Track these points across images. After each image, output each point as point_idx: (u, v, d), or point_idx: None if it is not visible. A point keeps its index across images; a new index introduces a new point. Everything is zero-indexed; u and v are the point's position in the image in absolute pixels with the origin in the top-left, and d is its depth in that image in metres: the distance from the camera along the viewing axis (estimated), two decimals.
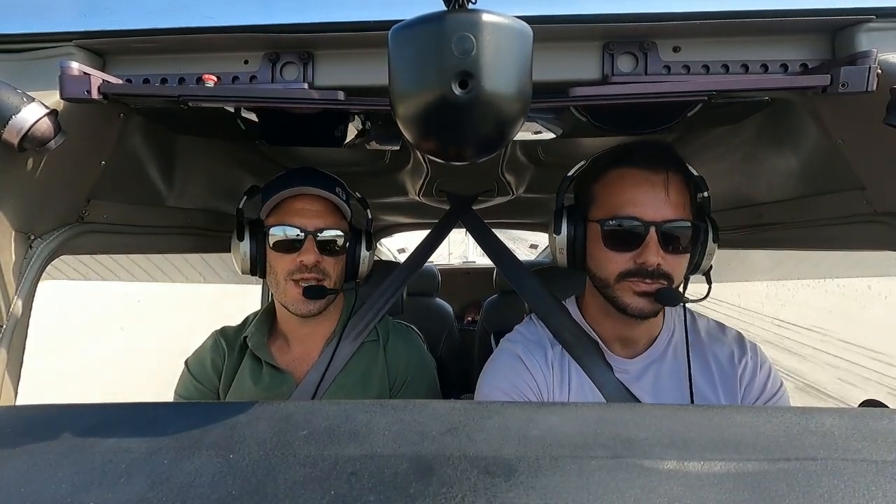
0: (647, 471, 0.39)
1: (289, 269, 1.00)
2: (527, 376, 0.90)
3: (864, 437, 0.43)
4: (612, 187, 0.84)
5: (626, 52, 0.70)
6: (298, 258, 0.99)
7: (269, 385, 1.05)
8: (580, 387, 0.89)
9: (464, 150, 0.54)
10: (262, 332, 1.10)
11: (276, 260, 1.01)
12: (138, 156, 0.93)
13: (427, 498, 0.36)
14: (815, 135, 0.82)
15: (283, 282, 1.01)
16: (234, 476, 0.39)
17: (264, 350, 1.08)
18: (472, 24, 0.45)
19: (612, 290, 0.83)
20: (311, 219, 1.00)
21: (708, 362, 0.90)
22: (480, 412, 0.49)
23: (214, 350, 1.12)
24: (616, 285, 0.82)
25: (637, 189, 0.81)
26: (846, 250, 0.95)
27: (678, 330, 0.92)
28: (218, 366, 1.10)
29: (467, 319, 3.34)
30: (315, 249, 1.00)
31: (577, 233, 0.87)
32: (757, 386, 0.88)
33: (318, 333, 1.11)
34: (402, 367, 1.12)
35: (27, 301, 0.75)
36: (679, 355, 0.90)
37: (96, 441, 0.45)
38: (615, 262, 0.82)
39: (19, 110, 0.61)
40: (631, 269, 0.80)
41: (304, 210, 1.00)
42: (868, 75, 0.60)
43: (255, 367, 1.08)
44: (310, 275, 1.00)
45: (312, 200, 1.02)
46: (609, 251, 0.82)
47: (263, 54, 0.72)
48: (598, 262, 0.85)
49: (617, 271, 0.82)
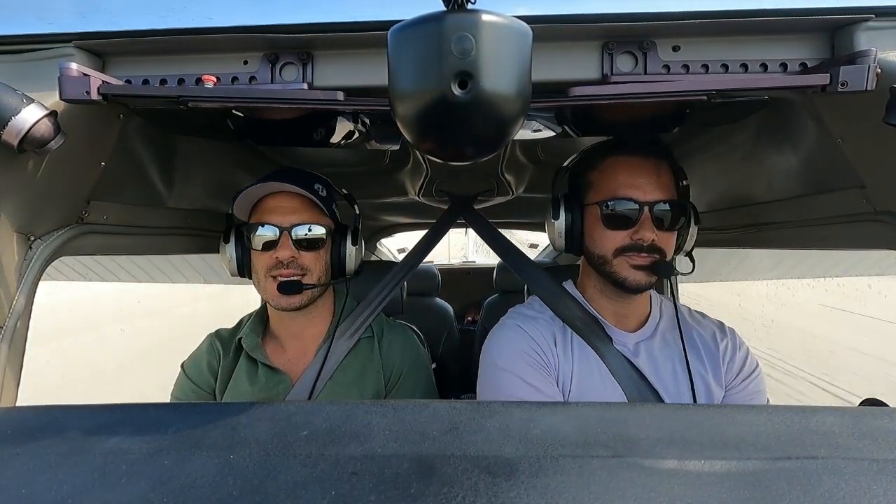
0: (648, 470, 0.39)
1: (267, 265, 1.02)
2: (533, 343, 0.94)
3: (865, 435, 0.43)
4: (609, 173, 0.92)
5: (626, 52, 0.70)
6: (274, 254, 1.01)
7: (265, 385, 1.05)
8: (584, 359, 0.93)
9: (463, 150, 0.54)
10: (256, 333, 1.11)
11: (257, 258, 1.04)
12: (138, 157, 0.93)
13: (428, 498, 0.36)
14: (815, 134, 0.83)
15: (263, 279, 1.03)
16: (234, 476, 0.39)
17: (259, 351, 1.08)
18: (472, 24, 0.45)
19: (611, 266, 0.91)
20: (285, 215, 1.01)
21: (694, 341, 0.98)
22: (481, 412, 0.49)
23: (210, 352, 1.12)
24: (614, 261, 0.90)
25: (632, 173, 0.89)
26: (846, 249, 0.95)
27: (666, 313, 1.02)
28: (214, 368, 1.10)
29: (467, 319, 3.35)
30: (291, 245, 1.01)
31: (574, 217, 0.95)
32: (737, 363, 0.97)
33: (311, 332, 1.12)
34: (396, 362, 1.13)
35: (27, 302, 0.75)
36: (668, 336, 0.99)
37: (97, 442, 0.45)
38: (612, 240, 0.90)
39: (19, 111, 0.61)
40: (627, 245, 0.89)
41: (278, 207, 1.02)
42: (867, 74, 0.60)
43: (250, 368, 1.08)
44: (287, 270, 1.01)
45: (287, 198, 1.03)
46: (607, 230, 0.90)
47: (263, 55, 0.72)
48: (596, 241, 0.93)
49: (614, 247, 0.90)
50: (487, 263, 3.87)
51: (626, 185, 0.88)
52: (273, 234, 1.01)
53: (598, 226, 0.91)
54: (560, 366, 0.93)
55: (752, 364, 0.98)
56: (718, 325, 1.03)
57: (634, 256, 0.88)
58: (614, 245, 0.90)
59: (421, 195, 1.90)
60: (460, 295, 3.36)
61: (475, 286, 3.37)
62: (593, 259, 0.94)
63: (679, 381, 0.93)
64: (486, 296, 2.62)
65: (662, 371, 0.94)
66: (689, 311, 1.06)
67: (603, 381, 0.91)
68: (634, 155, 0.91)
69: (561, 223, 0.95)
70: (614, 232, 0.89)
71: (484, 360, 0.96)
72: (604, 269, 0.92)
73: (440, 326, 2.34)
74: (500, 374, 0.91)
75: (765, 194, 1.07)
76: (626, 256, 0.89)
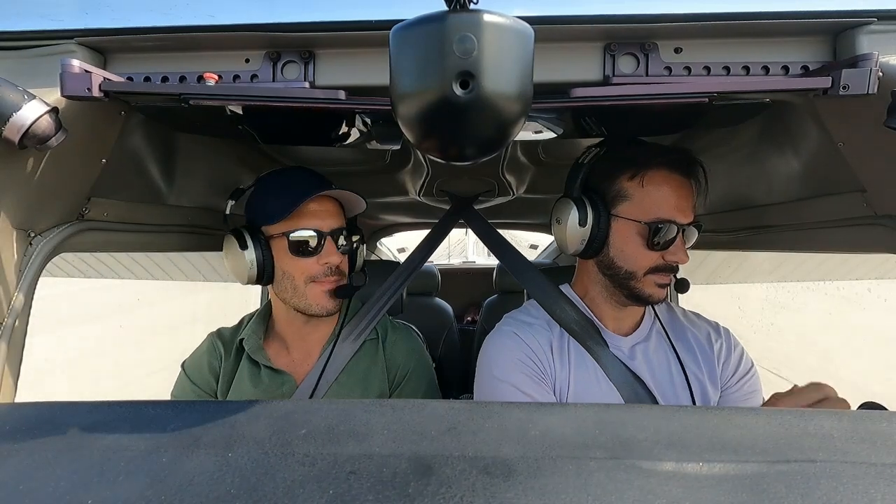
0: (646, 472, 0.39)
1: (311, 272, 0.99)
2: (529, 351, 0.93)
3: (864, 439, 0.43)
4: (654, 190, 0.86)
5: (628, 53, 0.70)
6: (322, 261, 0.98)
7: (268, 387, 1.04)
8: (581, 364, 0.93)
9: (464, 150, 0.54)
10: (257, 335, 1.09)
11: (294, 264, 0.99)
12: (139, 154, 0.93)
13: (426, 497, 0.36)
14: (816, 137, 0.82)
15: (302, 286, 1.00)
16: (232, 474, 0.39)
17: (261, 353, 1.07)
18: (474, 24, 0.45)
19: (638, 282, 0.89)
20: (325, 219, 0.99)
21: (689, 341, 0.98)
22: (479, 412, 0.49)
23: (211, 353, 1.10)
24: (643, 278, 0.88)
25: (678, 194, 0.86)
26: (846, 253, 0.95)
27: (660, 315, 1.01)
28: (215, 368, 1.09)
29: (467, 319, 3.35)
30: (336, 251, 1.00)
31: (602, 225, 0.89)
32: (732, 364, 0.97)
33: (318, 334, 1.11)
34: (400, 362, 1.12)
35: (27, 298, 0.75)
36: (663, 336, 0.98)
37: (95, 439, 0.45)
38: (648, 259, 0.87)
39: (20, 108, 0.61)
40: (660, 266, 0.87)
41: (318, 212, 0.99)
42: (869, 78, 0.60)
43: (252, 369, 1.07)
44: (335, 276, 1.00)
45: (323, 201, 1.00)
46: (646, 250, 0.87)
47: (265, 53, 0.72)
48: (629, 257, 0.89)
49: (647, 266, 0.87)
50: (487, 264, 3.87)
51: (674, 207, 0.85)
52: (315, 239, 0.97)
53: (635, 243, 0.87)
54: (556, 373, 0.92)
55: (747, 364, 0.98)
56: (713, 325, 1.03)
57: (662, 276, 0.88)
58: (648, 265, 0.87)
59: (421, 195, 1.90)
60: (460, 295, 3.36)
61: (475, 286, 3.37)
62: (617, 272, 0.90)
63: (675, 383, 0.93)
64: (486, 296, 2.62)
65: (658, 373, 0.94)
66: (683, 311, 1.07)
67: (599, 385, 0.91)
68: (678, 172, 0.87)
69: (586, 230, 0.89)
70: (652, 252, 0.87)
71: (480, 368, 0.95)
72: (628, 283, 0.89)
73: (439, 326, 2.34)
74: (497, 384, 0.90)
75: (765, 197, 1.07)
76: (654, 276, 0.88)
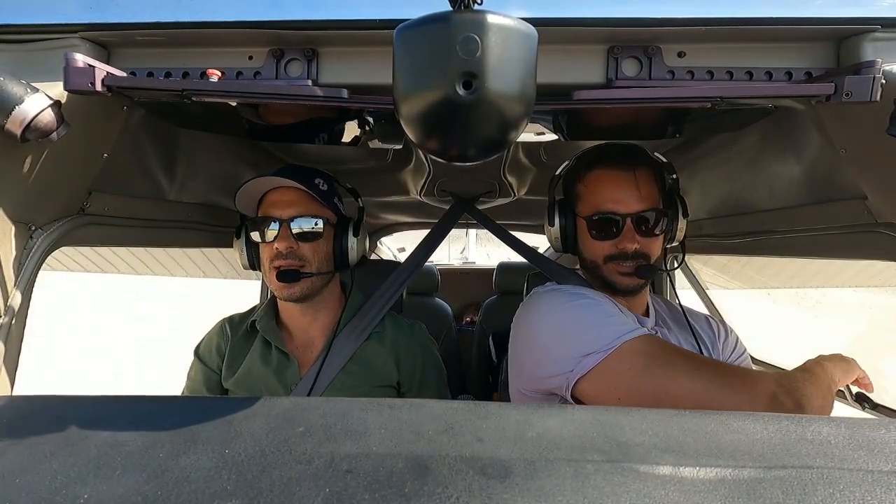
0: (643, 476, 0.39)
1: (269, 256, 1.07)
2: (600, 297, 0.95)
3: (861, 446, 0.42)
4: (592, 187, 0.97)
5: (631, 57, 0.70)
6: (274, 245, 1.06)
7: (277, 367, 1.11)
8: None
9: (466, 150, 0.54)
10: (269, 318, 1.17)
11: (262, 250, 1.10)
12: (141, 149, 0.93)
13: (422, 497, 0.36)
14: (818, 143, 0.82)
15: (267, 270, 1.08)
16: (229, 471, 0.39)
17: (273, 332, 1.14)
18: (478, 24, 0.45)
19: (602, 271, 0.98)
20: (284, 208, 1.07)
21: (693, 326, 1.07)
22: (477, 413, 0.49)
23: (220, 335, 1.20)
24: (604, 266, 0.97)
25: (612, 188, 0.94)
26: (847, 259, 0.95)
27: (660, 310, 1.10)
28: (222, 349, 1.17)
29: (466, 320, 3.35)
30: (289, 236, 1.06)
31: (568, 224, 1.02)
32: (729, 345, 1.08)
33: (318, 324, 1.16)
34: (412, 357, 1.17)
35: (26, 292, 0.74)
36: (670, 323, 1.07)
37: (92, 433, 0.45)
38: (601, 248, 0.97)
39: (23, 101, 0.61)
40: (614, 254, 0.95)
41: (278, 201, 1.07)
42: (872, 85, 0.60)
43: (264, 349, 1.14)
44: (285, 261, 1.06)
45: (287, 192, 1.08)
46: (595, 241, 0.97)
47: (268, 50, 0.72)
48: (587, 249, 1.00)
49: (603, 255, 0.97)
50: (487, 264, 3.87)
51: (609, 199, 0.94)
52: (274, 226, 1.06)
53: (586, 236, 0.98)
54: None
55: (740, 348, 1.09)
56: (708, 314, 1.16)
57: (621, 264, 0.95)
58: (603, 253, 0.96)
59: (423, 195, 1.90)
60: (459, 295, 3.36)
61: (475, 287, 3.37)
62: (586, 263, 1.02)
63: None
64: (486, 297, 2.62)
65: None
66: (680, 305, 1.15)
67: None
68: (614, 167, 0.94)
69: (556, 229, 1.03)
70: (601, 242, 0.96)
71: (541, 309, 0.95)
72: (596, 272, 0.99)
73: (438, 326, 2.34)
74: (578, 301, 0.90)
75: (767, 202, 1.07)
76: (613, 264, 0.95)
